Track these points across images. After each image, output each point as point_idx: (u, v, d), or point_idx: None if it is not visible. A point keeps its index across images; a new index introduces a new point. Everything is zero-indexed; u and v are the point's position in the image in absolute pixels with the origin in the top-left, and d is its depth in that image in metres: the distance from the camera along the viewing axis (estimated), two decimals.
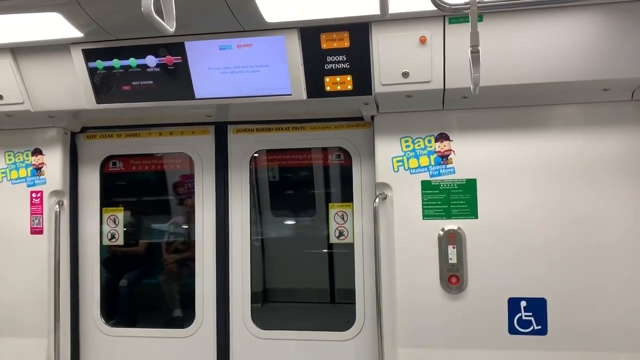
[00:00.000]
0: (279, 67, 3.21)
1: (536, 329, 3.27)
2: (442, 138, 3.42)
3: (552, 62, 2.99)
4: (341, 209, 3.90)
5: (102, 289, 4.17)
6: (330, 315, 4.99)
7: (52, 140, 3.92)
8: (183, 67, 3.31)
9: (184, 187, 4.63)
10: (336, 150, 3.98)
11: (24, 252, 3.90)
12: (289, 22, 3.07)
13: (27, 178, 3.94)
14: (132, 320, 4.80)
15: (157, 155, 4.30)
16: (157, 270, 4.93)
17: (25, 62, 3.49)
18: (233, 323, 3.93)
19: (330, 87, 3.25)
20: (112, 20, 3.07)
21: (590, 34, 2.92)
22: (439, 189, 3.41)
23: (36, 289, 3.85)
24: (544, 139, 3.30)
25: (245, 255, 3.94)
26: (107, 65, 3.39)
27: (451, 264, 3.35)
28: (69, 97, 3.55)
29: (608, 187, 3.22)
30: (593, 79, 3.01)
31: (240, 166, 3.98)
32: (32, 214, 3.91)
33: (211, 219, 3.98)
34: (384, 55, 3.11)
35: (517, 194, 3.30)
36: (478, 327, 3.33)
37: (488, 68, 2.72)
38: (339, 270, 4.99)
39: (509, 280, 3.30)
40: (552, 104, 3.30)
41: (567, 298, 3.24)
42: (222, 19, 3.00)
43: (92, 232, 4.15)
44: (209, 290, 3.95)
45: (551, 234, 3.26)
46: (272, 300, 5.25)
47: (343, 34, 3.11)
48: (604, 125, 3.25)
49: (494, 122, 3.36)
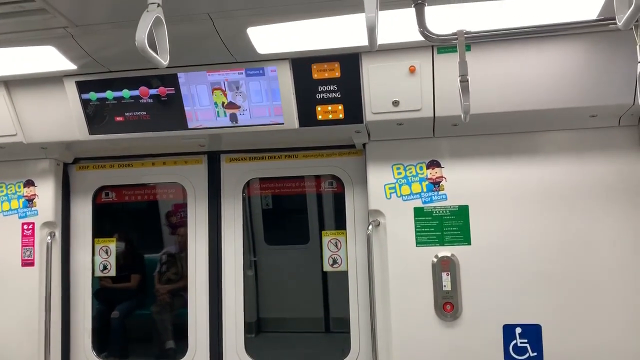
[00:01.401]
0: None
1: (532, 356, 3.25)
2: (433, 165, 3.45)
3: (540, 90, 3.03)
4: (335, 236, 3.89)
5: (94, 320, 4.11)
6: (325, 345, 4.94)
7: (44, 172, 3.92)
8: (176, 97, 3.34)
9: (177, 216, 4.62)
10: (329, 177, 3.99)
11: (15, 284, 3.85)
12: (280, 54, 3.12)
13: (18, 210, 3.92)
14: (124, 352, 4.73)
15: (150, 185, 4.29)
16: (150, 301, 4.88)
17: (18, 94, 3.51)
18: (227, 354, 3.87)
19: (322, 116, 3.28)
20: (105, 53, 3.10)
21: (576, 62, 2.97)
22: (432, 216, 3.43)
23: (27, 321, 3.79)
24: (534, 165, 3.33)
25: (239, 284, 3.91)
26: (100, 97, 3.41)
27: (445, 291, 3.34)
28: (62, 128, 3.55)
29: (598, 212, 3.24)
30: (580, 105, 3.06)
31: (233, 195, 3.98)
32: (23, 245, 3.88)
33: (204, 248, 3.96)
34: (375, 84, 3.15)
35: (509, 220, 3.32)
36: (474, 354, 3.30)
37: (477, 96, 2.76)
38: (333, 299, 4.96)
39: (504, 306, 3.29)
40: (541, 130, 3.34)
41: (562, 323, 3.22)
42: (214, 51, 3.04)
43: (83, 263, 4.11)
44: (201, 321, 3.91)
45: (544, 260, 3.27)
46: (266, 330, 5.20)
47: (334, 64, 3.16)
48: (592, 151, 3.29)
49: (484, 149, 3.40)
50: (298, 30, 2.84)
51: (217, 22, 2.72)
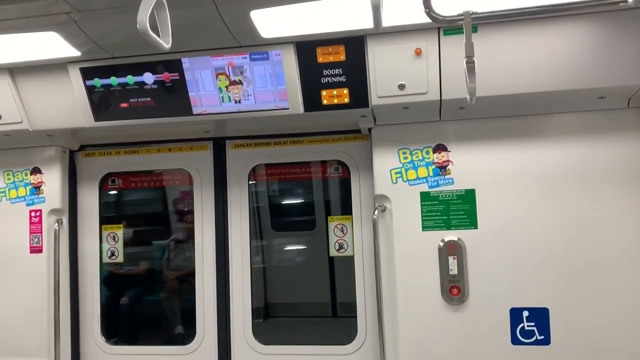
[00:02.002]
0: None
1: (539, 339, 3.25)
2: (439, 149, 3.43)
3: (548, 71, 2.99)
4: (341, 221, 3.89)
5: (103, 307, 4.14)
6: (332, 330, 4.96)
7: (50, 159, 3.93)
8: (180, 83, 3.33)
9: (184, 203, 4.62)
10: (334, 163, 3.98)
11: (24, 271, 3.89)
12: (284, 37, 3.09)
13: (26, 197, 3.95)
14: (134, 338, 4.77)
15: (156, 172, 4.30)
16: (158, 287, 4.91)
17: (23, 82, 3.51)
18: (234, 339, 3.90)
19: (327, 101, 3.26)
20: (109, 39, 3.09)
21: (585, 43, 2.93)
22: (438, 200, 3.41)
23: (36, 308, 3.83)
24: (542, 148, 3.30)
25: (246, 270, 3.93)
26: (104, 83, 3.40)
27: (452, 275, 3.33)
28: (67, 115, 3.56)
29: (607, 195, 3.22)
30: (589, 87, 3.02)
31: (239, 181, 3.98)
32: (31, 232, 3.91)
33: (211, 234, 3.98)
34: (380, 67, 3.12)
35: (516, 203, 3.30)
36: (480, 338, 3.31)
37: (484, 78, 2.73)
38: (340, 284, 4.97)
39: (511, 290, 3.28)
40: (549, 112, 3.31)
41: (570, 307, 3.22)
42: (218, 35, 3.02)
43: (91, 250, 4.14)
44: (209, 306, 3.93)
45: (551, 243, 3.25)
46: (274, 315, 5.22)
47: (339, 47, 3.13)
48: (601, 133, 3.25)
49: (491, 132, 3.37)
50: (302, 13, 2.82)
51: (220, 6, 2.70)
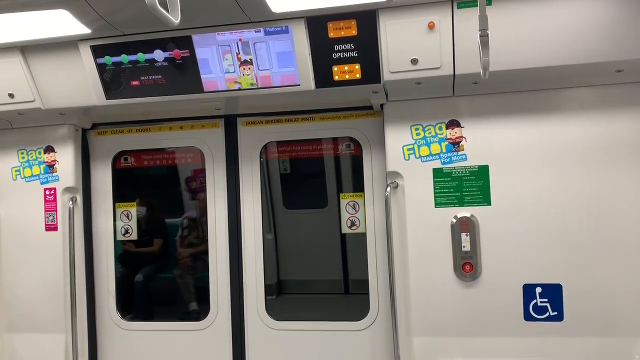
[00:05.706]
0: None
1: (552, 315, 3.24)
2: (452, 125, 3.39)
3: (563, 45, 2.94)
4: (352, 199, 3.88)
5: (118, 283, 4.20)
6: (344, 306, 5.00)
7: (63, 137, 3.95)
8: (191, 60, 3.31)
9: (196, 181, 4.64)
10: (346, 140, 3.96)
11: (40, 248, 3.94)
12: (295, 12, 3.05)
13: (40, 175, 3.98)
14: (149, 314, 4.85)
15: (168, 150, 4.31)
16: (172, 265, 4.97)
17: (34, 60, 3.52)
18: (248, 315, 3.94)
19: (338, 77, 3.23)
20: (119, 16, 3.08)
21: (601, 15, 2.86)
22: (451, 177, 3.39)
23: (52, 285, 3.90)
24: (557, 123, 3.25)
25: (258, 247, 3.95)
26: (115, 61, 3.40)
27: (465, 252, 3.32)
28: (79, 93, 3.57)
29: (623, 170, 3.17)
30: (606, 60, 2.95)
31: (251, 158, 3.98)
32: (46, 210, 3.95)
33: (223, 212, 3.99)
34: (392, 42, 3.07)
35: (530, 180, 3.27)
36: (493, 314, 3.31)
37: (498, 52, 2.68)
38: (352, 261, 4.99)
39: (524, 266, 3.27)
40: (564, 87, 3.25)
41: (583, 283, 3.20)
42: (228, 11, 2.99)
43: (105, 227, 4.18)
44: (223, 283, 3.97)
45: (566, 219, 3.22)
46: (287, 292, 5.27)
47: (350, 22, 3.08)
48: (618, 108, 3.19)
49: (505, 108, 3.32)
50: None
51: None
